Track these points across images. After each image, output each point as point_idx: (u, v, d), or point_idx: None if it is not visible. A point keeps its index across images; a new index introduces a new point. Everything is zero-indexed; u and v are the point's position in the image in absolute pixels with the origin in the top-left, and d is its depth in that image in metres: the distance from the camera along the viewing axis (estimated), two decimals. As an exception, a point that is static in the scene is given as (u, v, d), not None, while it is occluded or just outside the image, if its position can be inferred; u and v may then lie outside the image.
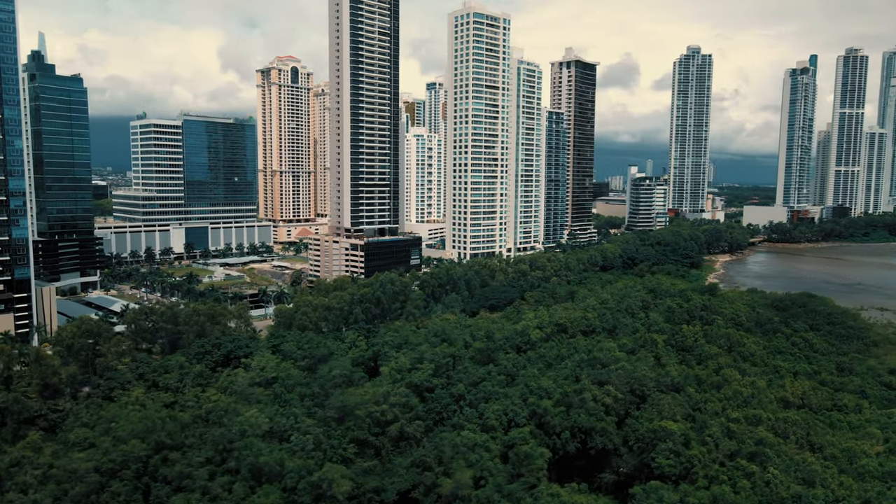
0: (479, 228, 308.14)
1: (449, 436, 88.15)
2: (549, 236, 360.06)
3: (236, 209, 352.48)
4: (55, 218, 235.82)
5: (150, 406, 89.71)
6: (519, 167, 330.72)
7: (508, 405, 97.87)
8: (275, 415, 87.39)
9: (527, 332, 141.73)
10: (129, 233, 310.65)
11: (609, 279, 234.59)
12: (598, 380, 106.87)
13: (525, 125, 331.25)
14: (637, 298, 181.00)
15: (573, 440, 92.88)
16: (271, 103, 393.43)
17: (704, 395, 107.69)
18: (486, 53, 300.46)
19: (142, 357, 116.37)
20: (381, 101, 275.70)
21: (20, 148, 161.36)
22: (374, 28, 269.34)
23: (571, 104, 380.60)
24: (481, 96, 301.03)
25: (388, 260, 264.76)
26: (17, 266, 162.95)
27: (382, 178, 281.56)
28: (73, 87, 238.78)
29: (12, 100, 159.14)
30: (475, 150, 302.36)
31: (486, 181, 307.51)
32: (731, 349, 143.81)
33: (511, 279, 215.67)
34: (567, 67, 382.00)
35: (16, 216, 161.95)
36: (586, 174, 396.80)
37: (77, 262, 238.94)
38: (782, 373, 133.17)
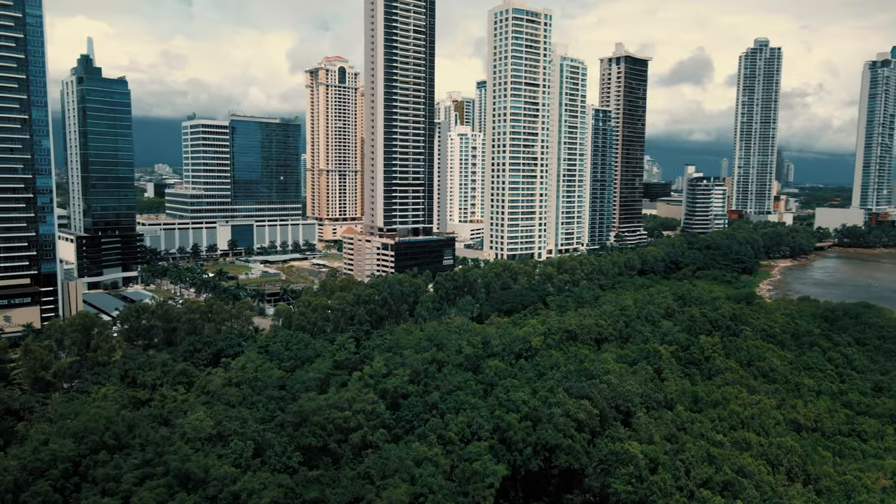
0: (517, 229, 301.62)
1: (396, 448, 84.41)
2: (594, 238, 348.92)
3: (282, 207, 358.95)
4: (99, 215, 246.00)
5: (105, 404, 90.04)
6: (561, 166, 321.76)
7: (474, 417, 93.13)
8: (225, 418, 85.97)
9: (528, 339, 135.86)
10: (177, 229, 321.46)
11: (644, 284, 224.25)
12: (579, 393, 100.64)
13: (568, 123, 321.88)
14: (661, 305, 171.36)
15: (536, 457, 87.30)
16: (319, 103, 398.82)
17: (695, 415, 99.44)
18: (526, 50, 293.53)
19: (131, 353, 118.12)
20: (415, 100, 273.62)
21: (47, 148, 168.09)
22: (409, 26, 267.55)
23: (620, 102, 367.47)
24: (520, 94, 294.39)
25: (420, 260, 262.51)
26: (44, 261, 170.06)
27: (417, 178, 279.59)
28: (118, 89, 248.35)
29: (40, 101, 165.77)
30: (513, 149, 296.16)
31: (524, 181, 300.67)
32: (749, 363, 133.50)
33: (535, 282, 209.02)
34: (616, 64, 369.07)
35: (43, 213, 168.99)
36: (636, 174, 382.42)
37: (119, 257, 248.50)
38: (803, 391, 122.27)
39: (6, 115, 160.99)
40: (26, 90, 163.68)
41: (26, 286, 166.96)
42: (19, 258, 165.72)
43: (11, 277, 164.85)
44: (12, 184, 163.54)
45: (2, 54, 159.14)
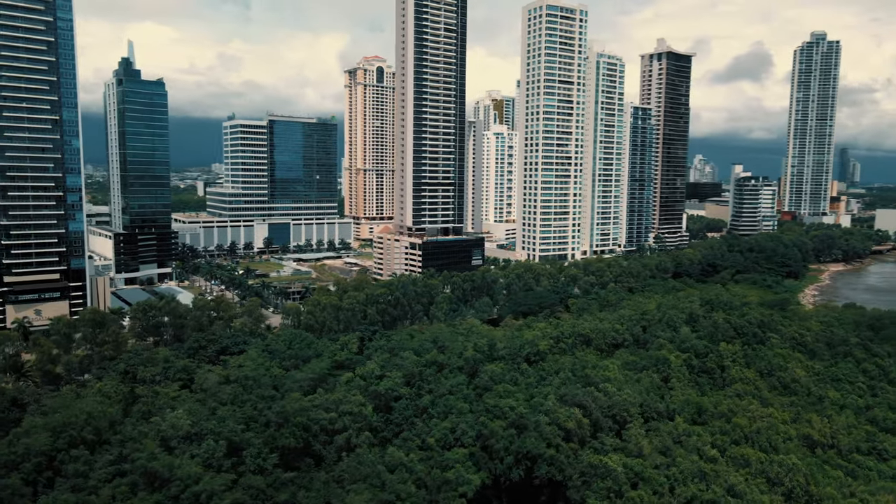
0: (550, 229, 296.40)
1: (371, 452, 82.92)
2: (632, 239, 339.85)
3: (318, 206, 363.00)
4: (136, 213, 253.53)
5: (97, 399, 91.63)
6: (596, 166, 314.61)
7: (458, 423, 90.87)
8: (203, 417, 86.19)
9: (536, 343, 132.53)
10: (216, 227, 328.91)
11: (675, 287, 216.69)
12: (573, 401, 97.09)
13: (604, 122, 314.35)
14: (684, 310, 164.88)
15: (518, 467, 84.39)
16: (357, 102, 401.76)
17: (695, 428, 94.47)
18: (560, 47, 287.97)
19: (136, 349, 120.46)
20: (445, 99, 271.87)
21: (77, 147, 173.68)
22: (440, 24, 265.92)
23: (662, 99, 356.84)
24: (554, 92, 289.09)
25: (448, 260, 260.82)
26: (73, 257, 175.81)
27: (447, 177, 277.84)
28: (155, 91, 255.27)
29: (70, 102, 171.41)
30: (546, 148, 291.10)
31: (557, 180, 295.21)
32: (770, 373, 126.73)
33: (559, 284, 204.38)
34: (658, 60, 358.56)
35: (72, 211, 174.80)
36: (677, 173, 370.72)
37: (154, 254, 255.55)
38: (825, 405, 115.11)
39: (37, 115, 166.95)
40: (57, 92, 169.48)
41: (56, 281, 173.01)
42: (49, 254, 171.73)
43: (42, 273, 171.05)
44: (43, 182, 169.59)
45: (33, 57, 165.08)
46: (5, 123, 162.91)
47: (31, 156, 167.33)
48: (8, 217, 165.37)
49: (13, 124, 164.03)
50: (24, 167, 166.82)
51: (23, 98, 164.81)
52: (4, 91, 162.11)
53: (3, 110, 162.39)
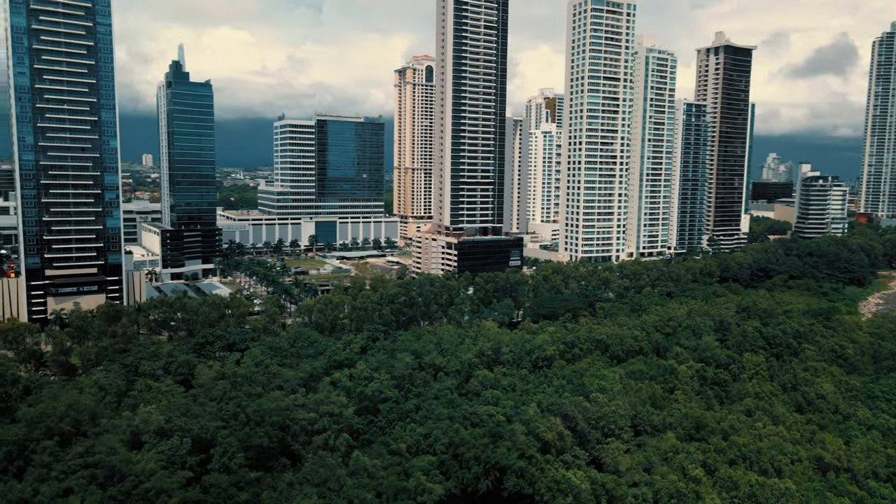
0: (593, 230, 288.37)
1: (332, 456, 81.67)
2: (683, 241, 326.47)
3: (365, 205, 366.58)
4: (182, 210, 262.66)
5: (91, 391, 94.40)
6: (644, 165, 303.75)
7: (435, 428, 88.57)
8: (178, 413, 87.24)
9: (544, 348, 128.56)
10: (264, 225, 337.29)
11: (717, 293, 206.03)
12: (559, 411, 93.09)
13: (654, 119, 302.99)
14: (715, 318, 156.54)
15: (486, 477, 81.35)
16: (406, 101, 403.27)
17: (686, 444, 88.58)
18: (606, 42, 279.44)
19: (144, 342, 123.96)
20: (485, 97, 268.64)
21: (115, 147, 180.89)
22: (480, 22, 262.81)
23: (718, 94, 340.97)
24: (598, 89, 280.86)
25: (484, 260, 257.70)
26: (110, 252, 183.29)
27: (486, 176, 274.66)
28: (202, 93, 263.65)
29: (108, 104, 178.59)
30: (590, 147, 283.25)
31: (601, 180, 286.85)
32: (794, 388, 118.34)
33: (589, 287, 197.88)
34: (715, 54, 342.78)
35: (110, 208, 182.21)
36: (735, 172, 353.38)
37: (199, 250, 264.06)
38: (849, 424, 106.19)
39: (78, 116, 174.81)
40: (96, 94, 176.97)
41: (94, 275, 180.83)
42: (88, 249, 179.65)
43: (81, 267, 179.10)
44: (83, 180, 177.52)
45: (74, 62, 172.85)
46: (48, 124, 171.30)
47: (71, 155, 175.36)
48: (50, 213, 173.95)
49: (55, 125, 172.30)
50: (65, 166, 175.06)
51: (64, 100, 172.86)
52: (47, 94, 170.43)
53: (45, 112, 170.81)
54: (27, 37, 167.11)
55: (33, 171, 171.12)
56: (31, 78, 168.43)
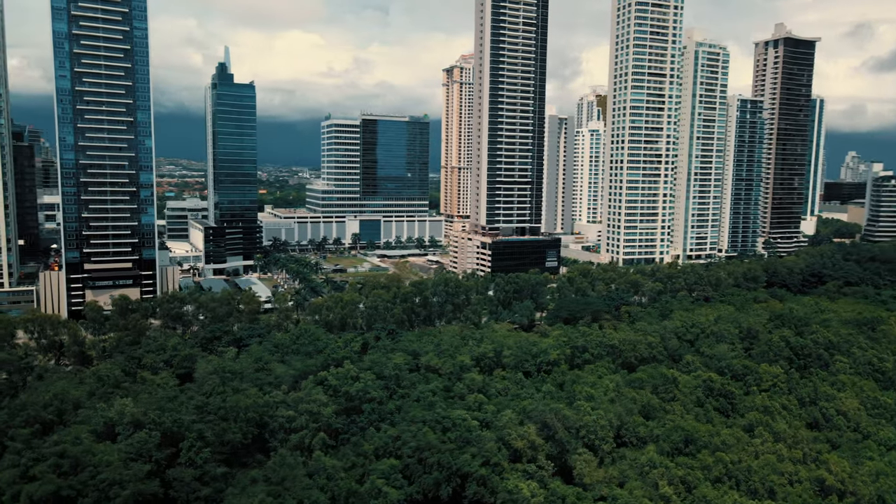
0: (635, 231, 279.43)
1: (291, 455, 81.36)
2: (736, 244, 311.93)
3: (409, 203, 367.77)
4: (225, 208, 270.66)
5: (88, 382, 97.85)
6: (692, 164, 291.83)
7: (405, 431, 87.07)
8: (153, 406, 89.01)
9: (547, 352, 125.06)
10: (309, 223, 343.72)
11: (757, 298, 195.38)
12: (539, 418, 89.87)
13: (703, 116, 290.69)
14: (743, 325, 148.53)
15: (448, 484, 79.22)
16: (452, 100, 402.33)
17: (668, 460, 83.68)
18: (651, 37, 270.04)
19: (154, 335, 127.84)
20: (523, 95, 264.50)
21: (149, 147, 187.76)
22: (518, 18, 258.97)
23: (777, 89, 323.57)
24: (642, 85, 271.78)
25: (519, 260, 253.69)
26: (145, 248, 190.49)
27: (523, 175, 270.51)
28: (245, 93, 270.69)
29: (144, 105, 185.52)
30: (633, 145, 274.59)
31: (645, 179, 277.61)
32: (813, 402, 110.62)
33: (619, 290, 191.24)
34: (774, 47, 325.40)
35: (144, 205, 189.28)
36: (795, 172, 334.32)
37: (241, 247, 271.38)
38: (867, 444, 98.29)
39: (115, 117, 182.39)
40: (132, 95, 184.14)
41: (129, 269, 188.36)
42: (124, 245, 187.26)
43: (117, 261, 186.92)
44: (119, 179, 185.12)
45: (112, 64, 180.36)
46: (87, 125, 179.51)
47: (108, 154, 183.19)
48: (88, 210, 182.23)
49: (94, 126, 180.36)
50: (103, 165, 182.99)
51: (102, 102, 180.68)
52: (87, 96, 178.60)
53: (85, 113, 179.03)
54: (68, 42, 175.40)
55: (73, 170, 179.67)
56: (71, 81, 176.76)
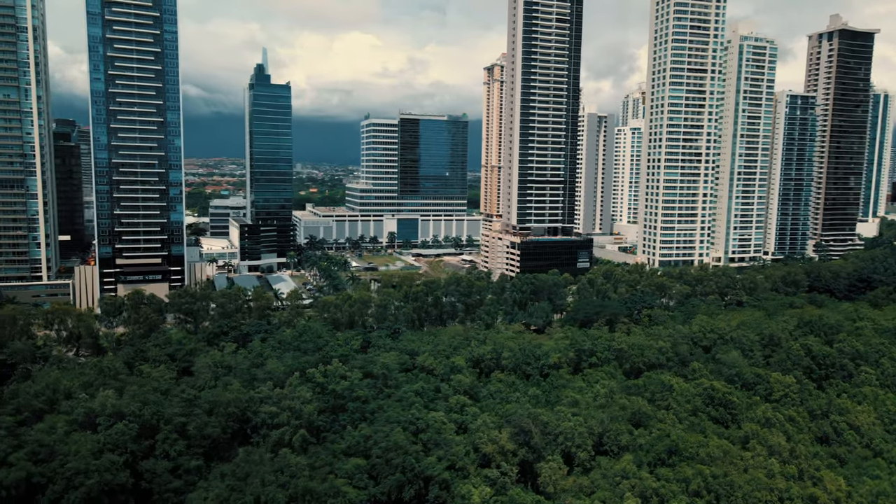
0: (672, 232, 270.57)
1: (256, 452, 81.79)
2: (784, 246, 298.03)
3: (447, 203, 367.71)
4: (261, 206, 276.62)
5: (86, 372, 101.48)
6: (735, 163, 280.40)
7: (378, 431, 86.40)
8: (143, 399, 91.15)
9: (549, 355, 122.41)
10: (347, 221, 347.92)
11: (793, 304, 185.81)
12: (517, 423, 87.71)
13: (748, 113, 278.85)
14: (764, 332, 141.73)
15: (411, 486, 78.07)
16: (493, 99, 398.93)
17: (644, 472, 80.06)
18: (691, 31, 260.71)
19: (165, 329, 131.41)
20: (556, 93, 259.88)
21: (178, 146, 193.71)
22: (552, 15, 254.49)
23: (831, 84, 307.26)
24: (681, 81, 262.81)
25: (549, 261, 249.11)
26: (173, 244, 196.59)
27: (555, 175, 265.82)
28: (281, 94, 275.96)
29: (173, 106, 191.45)
30: (671, 143, 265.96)
31: (683, 179, 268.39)
32: (824, 415, 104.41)
33: (641, 293, 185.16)
34: (828, 39, 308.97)
35: (173, 203, 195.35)
36: (851, 171, 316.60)
37: (275, 244, 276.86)
38: (877, 463, 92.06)
39: (146, 118, 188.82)
40: (162, 97, 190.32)
41: (158, 265, 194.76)
42: (153, 241, 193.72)
43: (147, 257, 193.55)
44: (150, 177, 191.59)
45: (143, 67, 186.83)
46: (119, 125, 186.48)
47: (140, 154, 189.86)
48: (120, 207, 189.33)
49: (125, 126, 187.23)
50: (134, 164, 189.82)
51: (134, 103, 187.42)
52: (119, 97, 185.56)
53: (117, 114, 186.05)
54: (102, 45, 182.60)
55: (106, 169, 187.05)
56: (105, 83, 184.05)
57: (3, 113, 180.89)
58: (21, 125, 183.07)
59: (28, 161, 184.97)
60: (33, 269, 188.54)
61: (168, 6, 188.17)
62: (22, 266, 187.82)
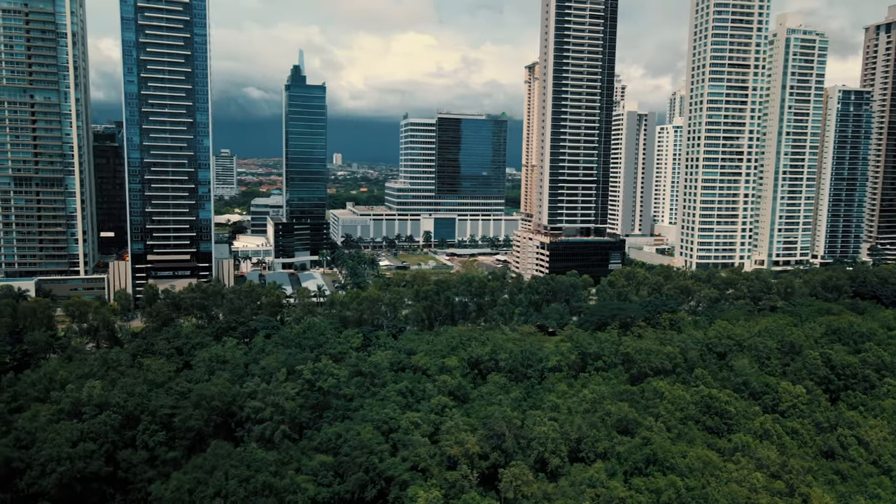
0: (711, 234, 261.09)
1: (223, 446, 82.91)
2: (835, 249, 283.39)
3: (485, 202, 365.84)
4: (295, 205, 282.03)
5: (91, 363, 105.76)
6: (781, 162, 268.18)
7: (350, 429, 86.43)
8: (130, 391, 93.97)
9: (548, 358, 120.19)
10: (384, 220, 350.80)
11: (831, 310, 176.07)
12: (491, 427, 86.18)
13: (794, 109, 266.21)
14: (784, 339, 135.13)
15: (373, 486, 77.68)
16: (534, 98, 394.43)
17: (604, 478, 77.12)
18: (732, 25, 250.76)
19: (177, 323, 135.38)
20: (589, 91, 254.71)
21: (207, 146, 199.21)
22: (585, 10, 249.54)
23: (889, 78, 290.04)
24: (721, 77, 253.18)
25: (579, 262, 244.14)
26: (202, 241, 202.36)
27: (588, 174, 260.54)
28: (315, 94, 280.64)
29: (203, 107, 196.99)
30: (710, 141, 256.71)
31: (723, 178, 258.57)
32: (832, 429, 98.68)
33: (665, 296, 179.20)
34: (886, 31, 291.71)
35: (202, 201, 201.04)
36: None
37: (308, 242, 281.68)
38: (880, 481, 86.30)
39: (176, 119, 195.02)
40: (192, 98, 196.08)
41: (187, 261, 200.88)
42: (183, 238, 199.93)
43: (176, 253, 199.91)
44: (179, 176, 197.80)
45: (174, 69, 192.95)
46: (151, 126, 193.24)
47: (170, 153, 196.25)
48: (151, 205, 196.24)
49: (157, 127, 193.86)
50: (166, 163, 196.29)
51: (165, 105, 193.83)
52: (151, 99, 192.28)
53: (149, 115, 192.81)
54: (136, 49, 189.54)
55: (139, 168, 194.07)
56: (138, 85, 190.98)
57: (43, 115, 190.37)
58: (60, 127, 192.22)
59: (67, 161, 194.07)
60: (71, 264, 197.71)
61: (198, 10, 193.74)
62: (61, 261, 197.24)
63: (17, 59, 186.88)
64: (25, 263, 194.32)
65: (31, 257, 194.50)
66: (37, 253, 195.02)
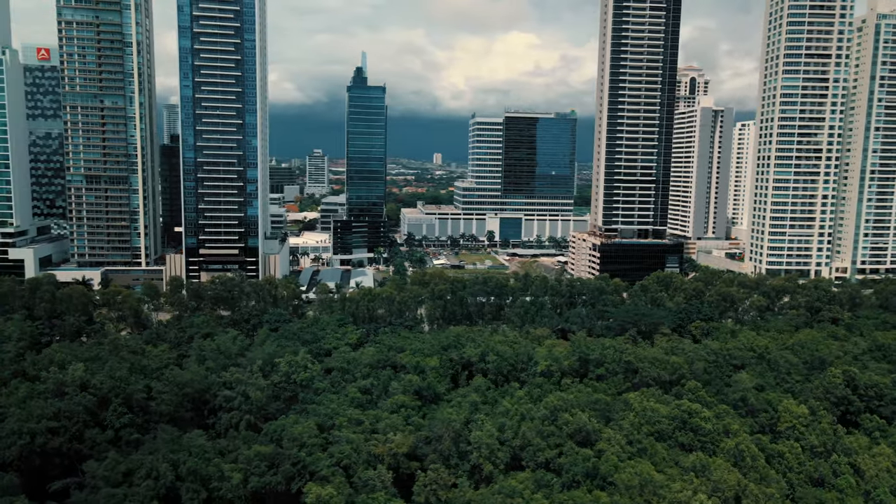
0: (783, 238, 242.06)
1: (170, 431, 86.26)
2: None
3: (552, 202, 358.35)
4: (354, 203, 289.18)
5: (97, 349, 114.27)
6: (868, 160, 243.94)
7: (295, 422, 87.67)
8: (110, 373, 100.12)
9: (536, 362, 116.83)
10: (450, 219, 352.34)
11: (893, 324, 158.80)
12: (431, 431, 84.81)
13: (885, 103, 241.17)
14: (817, 354, 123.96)
15: (300, 479, 78.25)
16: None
17: (529, 488, 73.38)
18: (811, 12, 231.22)
19: (197, 314, 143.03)
20: (648, 86, 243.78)
21: (255, 146, 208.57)
22: (645, 2, 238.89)
23: None
24: (797, 69, 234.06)
25: (633, 265, 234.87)
26: (250, 237, 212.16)
27: (646, 174, 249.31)
28: (375, 95, 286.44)
29: (251, 108, 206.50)
30: (783, 138, 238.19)
31: (798, 178, 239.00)
32: (829, 453, 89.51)
33: (706, 303, 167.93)
34: None
35: (250, 198, 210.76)
36: None
37: (366, 240, 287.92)
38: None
39: (227, 120, 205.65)
40: (242, 100, 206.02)
41: (236, 255, 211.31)
42: (232, 233, 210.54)
43: (226, 248, 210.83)
44: (229, 175, 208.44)
45: (225, 73, 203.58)
46: (204, 128, 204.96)
47: (221, 153, 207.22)
48: (204, 202, 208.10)
49: (209, 128, 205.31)
50: (217, 163, 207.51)
51: (217, 107, 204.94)
52: (204, 102, 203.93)
53: (203, 117, 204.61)
54: (191, 56, 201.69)
55: (193, 167, 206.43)
56: (192, 89, 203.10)
57: (111, 118, 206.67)
58: (126, 129, 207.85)
59: (131, 160, 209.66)
60: (134, 256, 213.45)
61: (248, 17, 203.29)
62: (125, 253, 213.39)
63: (89, 67, 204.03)
64: (94, 254, 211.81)
65: (99, 249, 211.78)
66: (104, 245, 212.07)
